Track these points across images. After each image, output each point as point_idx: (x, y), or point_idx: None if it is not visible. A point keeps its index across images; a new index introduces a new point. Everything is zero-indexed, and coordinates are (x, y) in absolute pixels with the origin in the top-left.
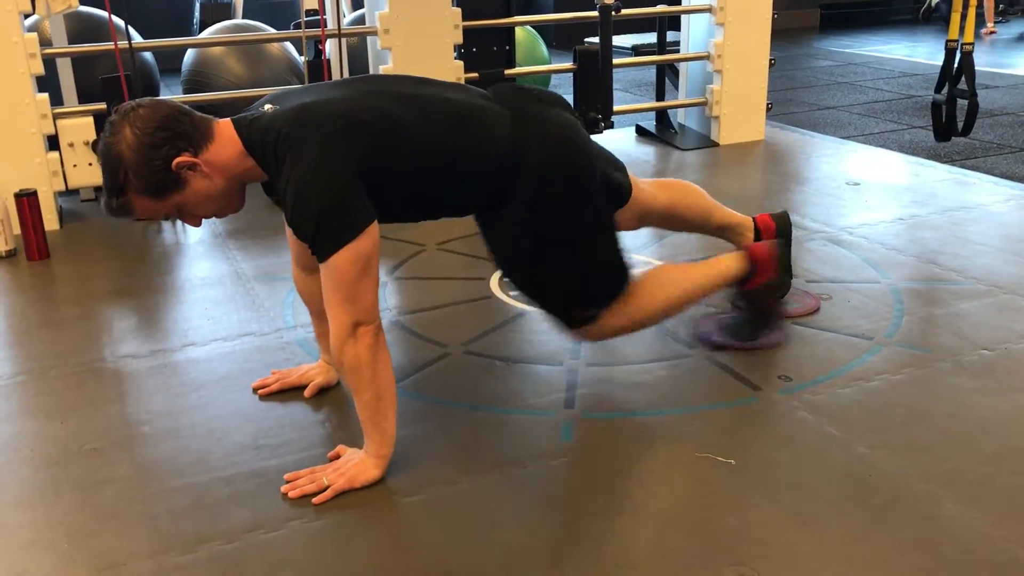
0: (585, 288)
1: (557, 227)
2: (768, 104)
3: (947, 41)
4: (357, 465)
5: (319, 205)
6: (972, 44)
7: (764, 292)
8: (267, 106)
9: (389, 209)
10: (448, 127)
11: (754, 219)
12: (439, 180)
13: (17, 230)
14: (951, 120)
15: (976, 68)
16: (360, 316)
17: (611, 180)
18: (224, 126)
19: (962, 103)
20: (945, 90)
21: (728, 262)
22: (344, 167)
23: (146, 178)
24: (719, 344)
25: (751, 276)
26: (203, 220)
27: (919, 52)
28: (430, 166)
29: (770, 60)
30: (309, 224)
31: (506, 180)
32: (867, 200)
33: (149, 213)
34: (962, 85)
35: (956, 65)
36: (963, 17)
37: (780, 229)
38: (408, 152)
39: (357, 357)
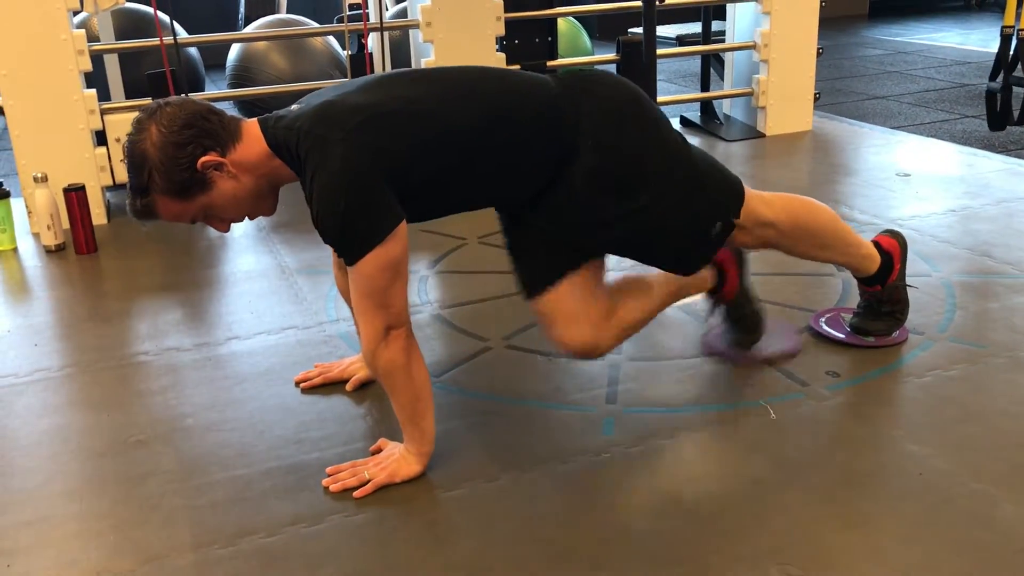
0: (706, 204)
1: (636, 161)
2: (816, 94)
3: (1003, 27)
4: (398, 460)
5: (343, 209)
6: None
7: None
8: (295, 106)
9: (426, 202)
10: (483, 97)
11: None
12: (478, 155)
13: (66, 224)
14: (1006, 109)
15: None
16: (392, 320)
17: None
18: (251, 126)
19: (1018, 91)
20: (1000, 78)
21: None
22: (369, 165)
23: (170, 177)
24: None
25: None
26: (231, 224)
27: (972, 40)
28: (467, 141)
29: (818, 49)
30: (334, 229)
31: (556, 139)
32: (918, 191)
33: (175, 215)
34: (1018, 73)
35: (1012, 52)
36: (1020, 3)
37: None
38: (440, 132)
39: (391, 361)
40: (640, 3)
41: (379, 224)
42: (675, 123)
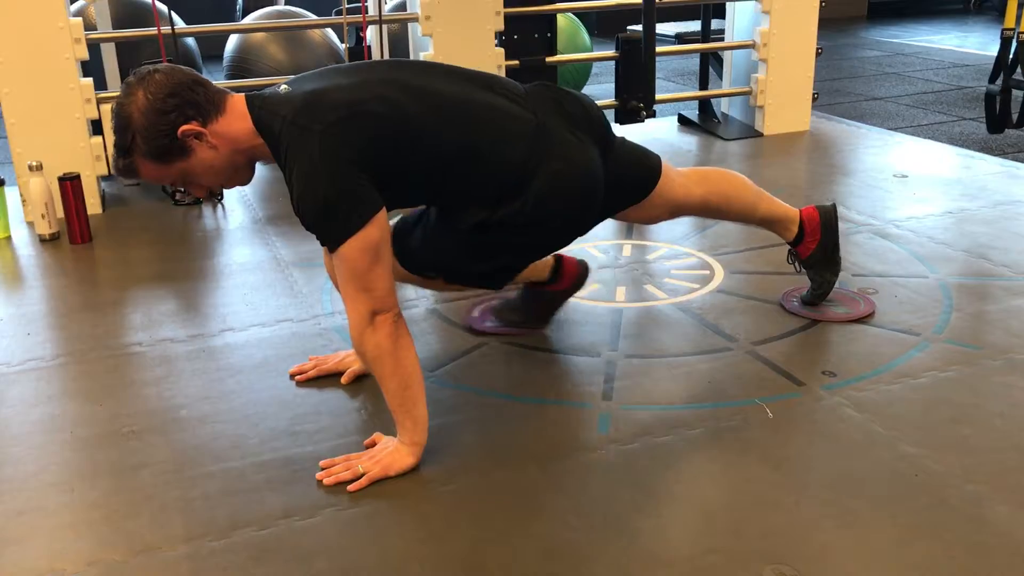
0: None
1: (514, 238)
2: (814, 94)
3: (1003, 30)
4: (392, 453)
5: (323, 196)
6: None
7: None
8: (283, 87)
9: (397, 197)
10: (460, 125)
11: (800, 212)
12: (443, 175)
13: (61, 214)
14: (1005, 111)
15: None
16: (377, 304)
17: (629, 178)
18: (238, 100)
19: (1017, 94)
20: (1000, 80)
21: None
22: (347, 157)
23: (151, 142)
24: (488, 330)
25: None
26: (210, 189)
27: (970, 42)
28: (436, 160)
29: (817, 49)
30: (314, 215)
31: (508, 191)
32: (915, 193)
33: (154, 177)
34: (1018, 75)
35: (1012, 55)
36: (1020, 5)
37: (824, 222)
38: (414, 144)
39: (378, 346)
40: (640, 0)
41: (358, 209)
42: (673, 121)
